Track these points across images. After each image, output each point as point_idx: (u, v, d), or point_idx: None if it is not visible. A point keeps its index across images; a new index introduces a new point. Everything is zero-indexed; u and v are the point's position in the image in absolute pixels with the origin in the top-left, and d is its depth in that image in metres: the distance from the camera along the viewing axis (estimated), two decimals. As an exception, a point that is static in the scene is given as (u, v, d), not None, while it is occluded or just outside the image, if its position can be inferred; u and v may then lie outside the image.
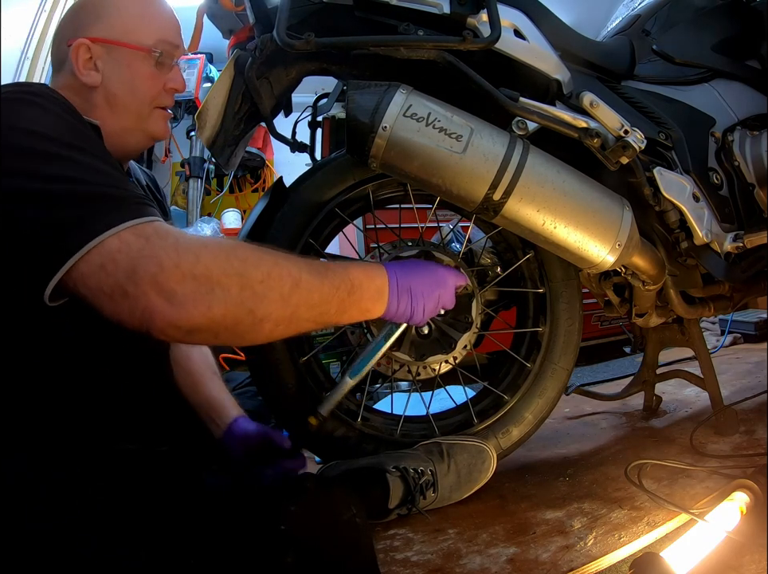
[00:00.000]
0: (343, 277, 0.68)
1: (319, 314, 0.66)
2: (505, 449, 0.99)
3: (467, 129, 0.75)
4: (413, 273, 0.77)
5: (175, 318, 0.54)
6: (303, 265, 0.65)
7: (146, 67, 0.74)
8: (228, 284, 0.57)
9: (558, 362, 1.00)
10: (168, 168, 2.88)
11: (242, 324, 0.59)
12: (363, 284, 0.70)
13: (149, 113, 0.76)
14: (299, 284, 0.62)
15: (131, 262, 0.53)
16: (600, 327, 2.43)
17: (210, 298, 0.55)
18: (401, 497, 0.84)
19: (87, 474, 0.56)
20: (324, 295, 0.65)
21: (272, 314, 0.60)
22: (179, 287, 0.54)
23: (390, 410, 1.09)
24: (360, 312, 0.72)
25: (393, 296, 0.73)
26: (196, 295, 0.54)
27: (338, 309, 0.67)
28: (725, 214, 1.00)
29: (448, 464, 0.90)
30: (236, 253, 0.60)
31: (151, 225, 0.56)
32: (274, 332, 0.63)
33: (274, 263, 0.62)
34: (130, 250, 0.53)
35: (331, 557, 0.60)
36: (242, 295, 0.58)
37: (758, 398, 1.22)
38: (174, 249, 0.55)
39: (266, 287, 0.59)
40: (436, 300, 0.78)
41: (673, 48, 1.09)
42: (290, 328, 0.64)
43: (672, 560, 0.62)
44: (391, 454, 0.92)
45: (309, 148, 1.09)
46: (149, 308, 0.53)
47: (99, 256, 0.53)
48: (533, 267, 1.02)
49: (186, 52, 0.83)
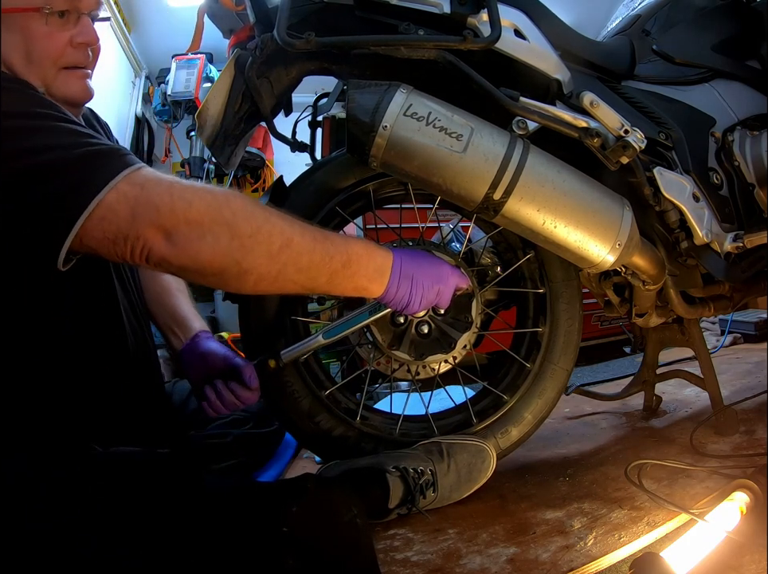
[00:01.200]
0: (341, 249, 0.69)
1: (307, 279, 0.67)
2: (504, 449, 0.99)
3: (467, 128, 0.75)
4: (419, 263, 0.78)
5: (168, 255, 0.59)
6: (297, 228, 0.66)
7: (37, 27, 0.69)
8: (218, 233, 0.60)
9: (558, 362, 1.00)
10: (168, 168, 2.88)
11: (228, 272, 0.62)
12: (362, 260, 0.71)
13: (54, 76, 0.72)
14: (289, 244, 0.64)
15: (130, 210, 0.58)
16: (600, 327, 2.43)
17: (200, 244, 0.59)
18: (401, 497, 0.84)
19: (87, 474, 0.56)
20: (315, 261, 0.66)
21: (257, 268, 0.63)
22: (174, 229, 0.59)
23: (390, 410, 1.09)
24: (354, 288, 0.73)
25: (395, 279, 0.74)
26: (188, 238, 0.59)
27: (330, 279, 0.68)
28: (725, 214, 0.99)
29: (448, 464, 0.90)
30: (228, 204, 0.62)
31: (141, 172, 0.60)
32: (258, 286, 0.65)
33: (266, 219, 0.64)
34: (127, 199, 0.58)
35: (332, 558, 0.60)
36: (230, 245, 0.61)
37: (758, 398, 1.22)
38: (169, 194, 0.60)
39: (254, 241, 0.62)
40: (435, 294, 0.79)
41: (673, 48, 1.09)
42: (275, 285, 0.66)
43: (671, 560, 0.62)
44: (391, 453, 0.92)
45: (309, 148, 1.09)
46: (147, 246, 0.59)
47: (101, 210, 0.57)
48: (533, 267, 1.02)
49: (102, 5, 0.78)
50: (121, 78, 2.81)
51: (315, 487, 0.65)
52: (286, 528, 0.58)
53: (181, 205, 0.59)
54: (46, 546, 0.48)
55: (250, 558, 0.55)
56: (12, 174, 0.57)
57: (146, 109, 2.92)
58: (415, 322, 0.94)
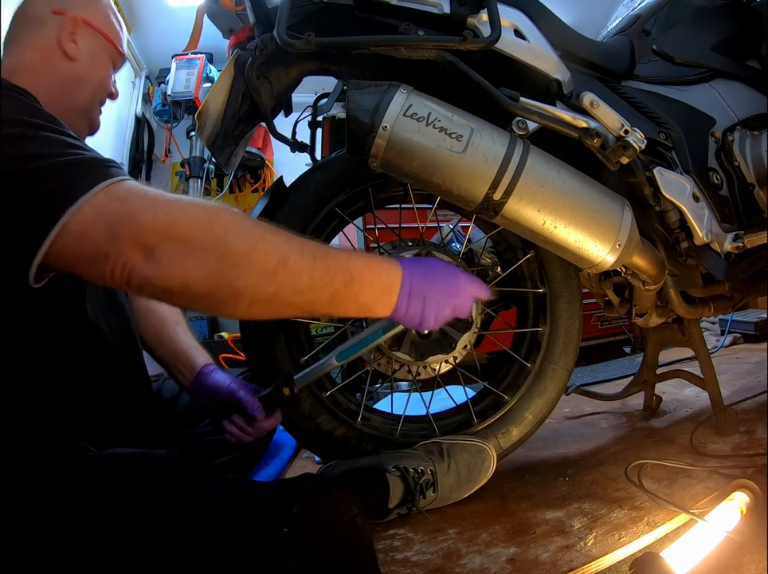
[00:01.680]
0: (343, 266, 0.63)
1: (307, 301, 0.61)
2: (505, 449, 0.99)
3: (467, 129, 0.75)
4: (431, 278, 0.71)
5: (151, 275, 0.54)
6: (295, 245, 0.60)
7: (108, 62, 0.83)
8: (207, 251, 0.55)
9: (558, 362, 1.00)
10: (168, 168, 2.88)
11: (219, 294, 0.57)
12: (365, 278, 0.65)
13: (94, 103, 0.82)
14: (286, 263, 0.58)
15: (109, 225, 0.52)
16: (600, 327, 2.43)
17: (186, 262, 0.54)
18: (401, 497, 0.84)
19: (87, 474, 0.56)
20: (315, 281, 0.60)
21: (250, 290, 0.57)
22: (156, 245, 0.53)
23: (390, 410, 1.09)
24: (359, 308, 0.66)
25: (404, 298, 0.67)
26: (173, 256, 0.54)
27: (332, 299, 0.62)
28: (725, 214, 0.99)
29: (448, 464, 0.90)
30: (218, 219, 0.57)
31: (123, 185, 0.55)
32: (252, 309, 0.59)
33: (260, 236, 0.58)
34: (107, 213, 0.53)
35: (332, 558, 0.60)
36: (220, 265, 0.55)
37: (758, 398, 1.22)
38: (152, 209, 0.54)
39: (247, 260, 0.56)
40: (451, 310, 0.72)
41: (673, 48, 1.09)
42: (270, 308, 0.60)
43: (672, 560, 0.62)
44: (391, 453, 0.92)
45: (309, 148, 1.09)
46: (128, 265, 0.53)
47: (76, 224, 0.52)
48: (533, 267, 1.02)
49: None
50: (121, 78, 2.79)
51: (315, 487, 0.65)
52: (286, 529, 0.57)
53: (165, 219, 0.54)
54: (46, 546, 0.48)
55: (250, 558, 0.55)
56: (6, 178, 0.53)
57: (146, 109, 2.92)
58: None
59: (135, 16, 2.74)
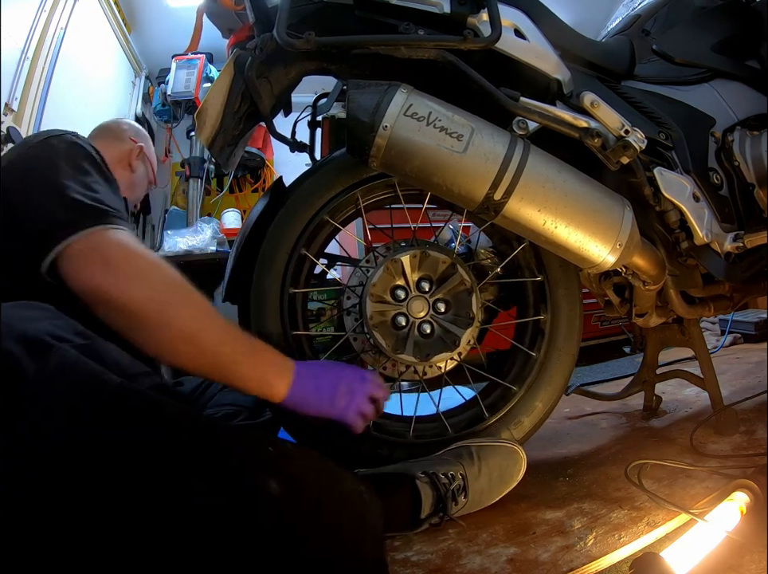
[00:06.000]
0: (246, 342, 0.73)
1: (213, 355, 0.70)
2: (519, 439, 0.98)
3: (468, 129, 0.75)
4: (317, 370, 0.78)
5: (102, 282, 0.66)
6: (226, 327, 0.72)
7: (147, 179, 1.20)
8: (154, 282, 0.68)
9: (563, 347, 1.00)
10: (168, 168, 2.88)
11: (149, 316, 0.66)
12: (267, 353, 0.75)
13: (143, 187, 1.20)
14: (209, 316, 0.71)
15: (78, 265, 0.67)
16: (600, 327, 2.43)
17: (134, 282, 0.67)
18: (432, 505, 0.80)
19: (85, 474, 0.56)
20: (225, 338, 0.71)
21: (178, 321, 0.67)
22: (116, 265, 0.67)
23: (400, 413, 1.07)
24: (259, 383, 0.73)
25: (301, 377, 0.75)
26: (126, 274, 0.67)
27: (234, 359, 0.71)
28: (725, 214, 0.99)
29: (479, 467, 0.86)
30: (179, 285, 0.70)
31: (118, 231, 0.70)
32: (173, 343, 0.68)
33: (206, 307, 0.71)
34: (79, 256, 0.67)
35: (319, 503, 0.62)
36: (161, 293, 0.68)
37: (758, 398, 1.22)
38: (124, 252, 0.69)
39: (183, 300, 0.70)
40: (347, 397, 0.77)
41: (673, 48, 1.09)
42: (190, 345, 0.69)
43: (671, 560, 0.62)
44: (416, 461, 0.88)
45: (309, 148, 1.09)
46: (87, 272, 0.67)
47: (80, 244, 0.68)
48: (529, 256, 1.02)
49: None
50: (121, 78, 2.81)
51: None
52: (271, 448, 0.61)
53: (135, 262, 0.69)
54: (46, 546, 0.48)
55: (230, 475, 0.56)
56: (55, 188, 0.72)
57: (147, 109, 2.92)
58: (417, 323, 0.93)
59: (135, 16, 2.75)
